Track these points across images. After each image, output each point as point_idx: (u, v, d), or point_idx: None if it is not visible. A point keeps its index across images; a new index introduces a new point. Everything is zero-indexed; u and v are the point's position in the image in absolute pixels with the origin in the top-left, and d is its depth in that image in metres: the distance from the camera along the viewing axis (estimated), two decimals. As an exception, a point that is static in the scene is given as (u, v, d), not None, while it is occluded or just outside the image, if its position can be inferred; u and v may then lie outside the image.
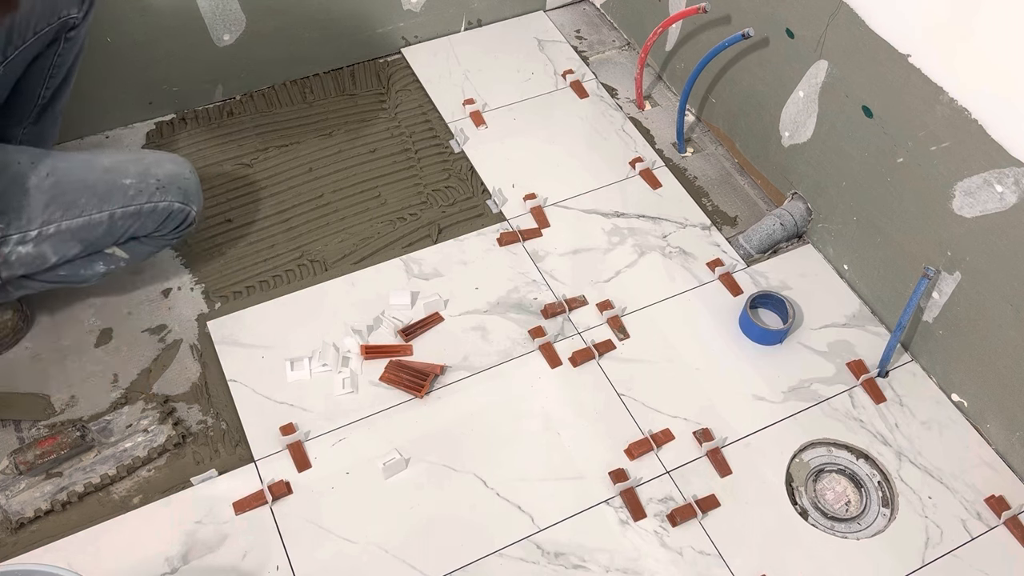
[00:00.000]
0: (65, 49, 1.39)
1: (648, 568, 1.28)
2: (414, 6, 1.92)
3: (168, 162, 1.39)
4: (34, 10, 1.30)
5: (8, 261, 1.29)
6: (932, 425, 1.44)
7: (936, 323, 1.43)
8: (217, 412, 1.41)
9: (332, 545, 1.28)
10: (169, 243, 1.43)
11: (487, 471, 1.36)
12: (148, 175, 1.35)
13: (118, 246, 1.38)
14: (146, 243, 1.40)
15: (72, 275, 1.38)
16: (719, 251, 1.65)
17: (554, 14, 2.09)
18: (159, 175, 1.36)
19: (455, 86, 1.91)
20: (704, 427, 1.41)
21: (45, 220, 1.28)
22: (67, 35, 1.38)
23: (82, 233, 1.32)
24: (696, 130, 1.87)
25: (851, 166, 1.50)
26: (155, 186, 1.35)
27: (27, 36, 1.31)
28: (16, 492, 1.30)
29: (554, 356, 1.49)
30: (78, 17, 1.37)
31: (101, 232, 1.33)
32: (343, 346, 1.49)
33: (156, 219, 1.36)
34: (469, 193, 1.73)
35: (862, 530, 1.34)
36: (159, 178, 1.36)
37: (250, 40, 1.78)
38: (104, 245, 1.36)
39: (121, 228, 1.35)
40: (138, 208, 1.34)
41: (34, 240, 1.29)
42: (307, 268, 1.60)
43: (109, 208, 1.32)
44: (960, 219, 1.32)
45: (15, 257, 1.29)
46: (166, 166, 1.38)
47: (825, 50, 1.46)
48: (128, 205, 1.33)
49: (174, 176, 1.38)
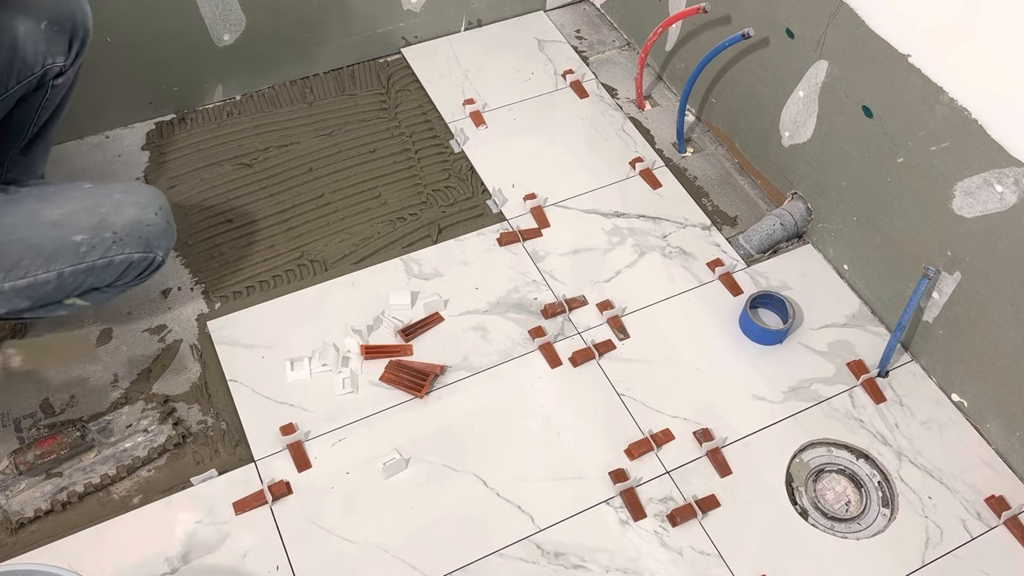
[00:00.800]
0: (53, 93, 1.33)
1: (648, 568, 1.28)
2: (414, 6, 1.92)
3: (130, 206, 1.24)
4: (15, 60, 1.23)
5: None
6: (932, 425, 1.44)
7: (936, 323, 1.43)
8: (217, 412, 1.41)
9: (332, 545, 1.28)
10: (132, 287, 1.33)
11: (487, 471, 1.36)
12: (103, 227, 1.22)
13: (77, 297, 1.28)
14: (106, 292, 1.30)
15: (36, 316, 1.30)
16: (719, 251, 1.65)
17: (554, 14, 2.09)
18: (116, 226, 1.22)
19: (455, 86, 1.91)
20: (704, 427, 1.41)
21: None
22: (54, 81, 1.31)
23: (27, 292, 1.21)
24: (696, 130, 1.87)
25: (851, 166, 1.50)
26: (111, 240, 1.22)
27: (10, 85, 1.25)
28: (16, 492, 1.30)
29: (554, 356, 1.49)
30: (64, 64, 1.30)
31: (49, 290, 1.22)
32: (343, 346, 1.49)
33: (114, 271, 1.25)
34: (469, 193, 1.73)
35: (862, 530, 1.34)
36: (116, 231, 1.22)
37: (250, 40, 1.78)
38: (57, 299, 1.26)
39: (72, 284, 1.24)
40: (90, 265, 1.22)
41: None
42: (307, 268, 1.60)
43: (57, 268, 1.20)
44: (960, 219, 1.32)
45: None
46: (126, 212, 1.24)
47: (825, 50, 1.46)
48: (79, 263, 1.21)
49: (134, 224, 1.24)
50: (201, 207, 1.67)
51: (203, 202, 1.68)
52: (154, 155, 1.76)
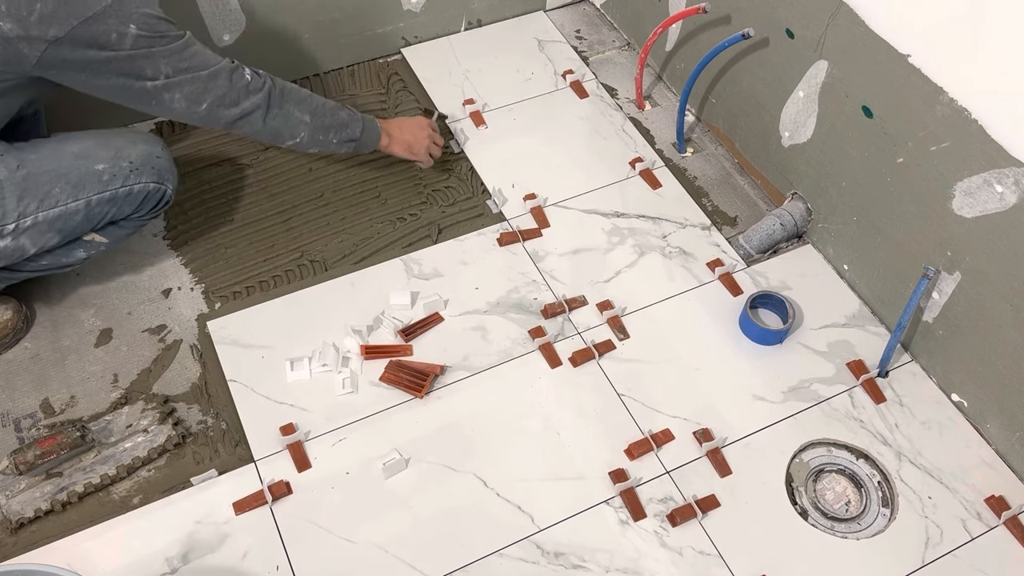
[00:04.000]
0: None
1: (648, 568, 1.28)
2: (414, 6, 1.92)
3: (140, 142, 1.38)
4: None
5: None
6: (932, 425, 1.44)
7: (936, 323, 1.43)
8: (217, 412, 1.41)
9: (332, 545, 1.28)
10: (146, 223, 1.44)
11: (487, 471, 1.36)
12: (120, 158, 1.34)
13: (96, 232, 1.38)
14: (124, 226, 1.41)
15: (54, 263, 1.39)
16: (719, 251, 1.65)
17: (554, 14, 2.09)
18: (132, 156, 1.35)
19: (455, 86, 1.91)
20: (704, 427, 1.41)
21: (21, 213, 1.27)
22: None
23: (59, 223, 1.31)
24: (696, 130, 1.87)
25: (851, 166, 1.50)
26: (128, 169, 1.34)
27: None
28: (16, 492, 1.30)
29: (554, 356, 1.49)
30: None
31: (79, 220, 1.33)
32: (343, 346, 1.48)
33: (132, 202, 1.36)
34: (469, 193, 1.73)
35: (862, 530, 1.34)
36: (131, 160, 1.34)
37: (250, 40, 1.78)
38: (82, 232, 1.36)
39: (98, 214, 1.34)
40: (113, 193, 1.33)
41: (12, 234, 1.28)
42: (307, 268, 1.60)
43: (85, 196, 1.31)
44: (960, 219, 1.32)
45: None
46: (139, 146, 1.36)
47: (825, 50, 1.46)
48: (103, 191, 1.32)
49: (147, 156, 1.36)
50: (201, 207, 1.67)
51: (203, 202, 1.68)
52: (154, 155, 1.76)
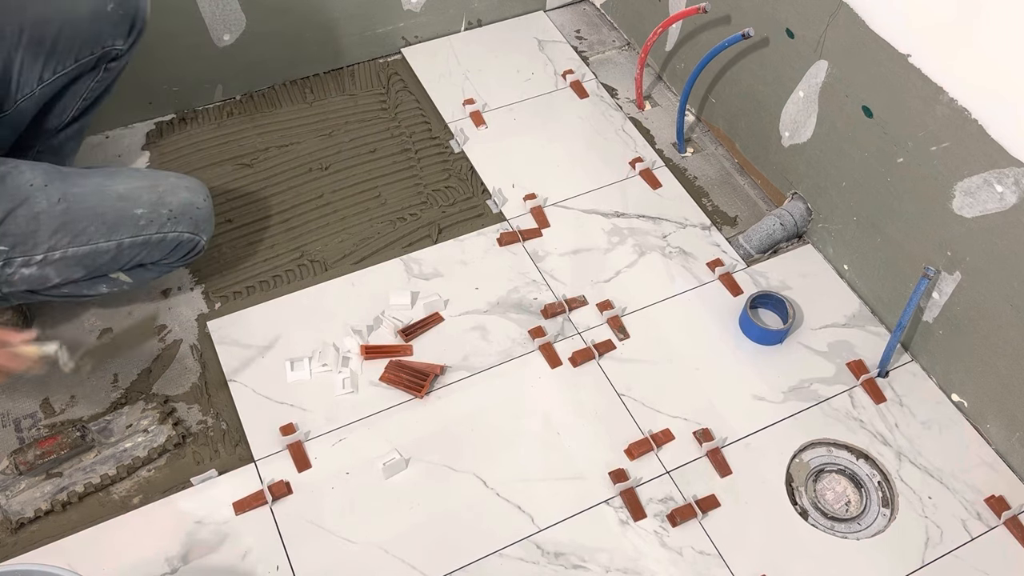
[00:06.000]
0: (104, 77, 1.38)
1: (648, 568, 1.28)
2: (414, 6, 1.92)
3: (183, 190, 1.36)
4: (77, 37, 1.28)
5: (10, 280, 1.27)
6: (932, 425, 1.44)
7: (936, 323, 1.43)
8: (217, 412, 1.41)
9: (332, 545, 1.28)
10: (174, 268, 1.42)
11: (487, 471, 1.36)
12: (161, 204, 1.32)
13: (123, 271, 1.36)
14: (151, 269, 1.39)
15: (74, 292, 1.37)
16: (719, 251, 1.65)
17: (554, 14, 2.09)
18: (172, 204, 1.33)
19: (455, 86, 1.91)
20: (704, 427, 1.41)
21: (51, 246, 1.25)
22: (108, 65, 1.36)
23: (87, 260, 1.29)
24: (696, 130, 1.87)
25: (851, 166, 1.50)
26: (167, 216, 1.32)
27: (67, 63, 1.30)
28: (16, 492, 1.30)
29: (554, 356, 1.49)
30: (122, 49, 1.35)
31: (107, 260, 1.31)
32: (343, 346, 1.49)
33: (164, 248, 1.35)
34: (469, 193, 1.73)
35: (862, 530, 1.34)
36: (172, 208, 1.33)
37: (250, 40, 1.78)
38: (109, 271, 1.34)
39: (127, 256, 1.32)
40: (147, 238, 1.31)
41: (38, 264, 1.26)
42: (307, 268, 1.60)
43: (117, 238, 1.29)
44: (960, 219, 1.32)
45: (18, 277, 1.27)
46: (180, 195, 1.35)
47: (825, 50, 1.46)
48: (137, 235, 1.30)
49: (187, 206, 1.34)
50: (201, 207, 1.67)
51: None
52: (154, 155, 1.76)
